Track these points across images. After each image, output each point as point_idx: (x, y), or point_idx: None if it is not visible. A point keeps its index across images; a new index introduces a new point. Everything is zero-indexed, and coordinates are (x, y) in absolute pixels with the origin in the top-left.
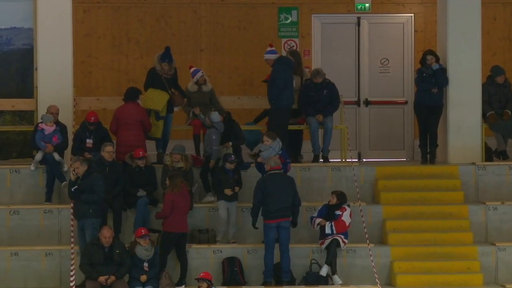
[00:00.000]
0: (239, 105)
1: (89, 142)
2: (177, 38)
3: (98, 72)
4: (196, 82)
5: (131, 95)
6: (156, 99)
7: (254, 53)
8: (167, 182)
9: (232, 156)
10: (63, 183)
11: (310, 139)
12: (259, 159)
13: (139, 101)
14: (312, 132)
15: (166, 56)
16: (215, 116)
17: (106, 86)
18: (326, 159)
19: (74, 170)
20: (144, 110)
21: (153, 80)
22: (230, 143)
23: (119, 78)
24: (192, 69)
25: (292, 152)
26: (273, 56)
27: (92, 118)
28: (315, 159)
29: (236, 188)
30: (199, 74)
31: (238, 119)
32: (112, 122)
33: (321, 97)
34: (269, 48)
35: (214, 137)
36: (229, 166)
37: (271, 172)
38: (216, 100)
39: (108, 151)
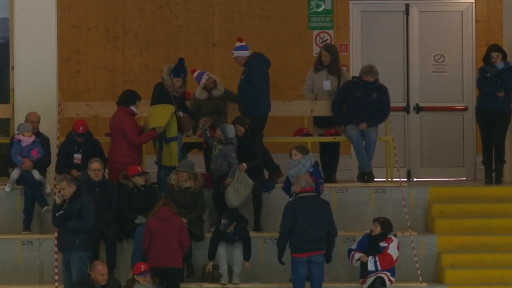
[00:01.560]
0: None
1: (77, 157)
2: (185, 31)
3: (88, 71)
4: (204, 87)
5: (124, 99)
6: (158, 115)
7: (279, 48)
8: None
9: (224, 220)
10: (45, 208)
11: (356, 153)
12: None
13: (133, 108)
14: (356, 145)
15: (181, 69)
16: (231, 131)
17: (98, 89)
18: (369, 176)
19: (59, 192)
20: (128, 117)
21: (161, 97)
22: (245, 166)
23: (114, 79)
24: (195, 73)
25: (326, 169)
26: (245, 53)
27: (81, 128)
28: (363, 178)
29: None
30: (204, 77)
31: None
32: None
33: (369, 101)
34: (238, 43)
35: (233, 155)
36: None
37: (301, 194)
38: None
39: (94, 169)
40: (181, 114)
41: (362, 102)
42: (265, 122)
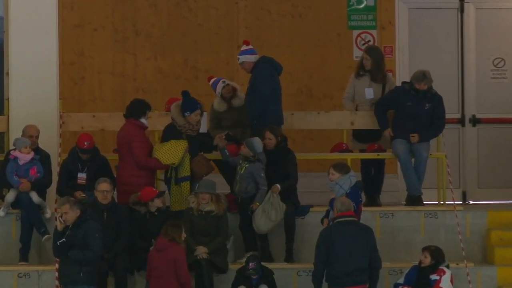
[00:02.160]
0: (290, 124)
1: (82, 177)
2: (205, 30)
3: (94, 77)
4: (222, 97)
5: (132, 111)
6: (168, 151)
7: (314, 51)
8: None
9: (252, 263)
10: (46, 236)
11: (403, 174)
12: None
13: (144, 120)
14: (404, 164)
15: (193, 101)
16: (259, 145)
17: (105, 98)
18: (418, 201)
19: (61, 217)
20: (137, 131)
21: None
22: (279, 188)
23: (123, 87)
24: (211, 81)
25: (368, 191)
26: (252, 58)
27: (86, 144)
28: (411, 201)
29: None
30: (220, 85)
31: (292, 144)
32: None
33: (420, 112)
34: (244, 47)
35: (262, 174)
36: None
37: (339, 219)
38: None
39: (102, 190)
40: (198, 159)
41: (412, 113)
42: None
